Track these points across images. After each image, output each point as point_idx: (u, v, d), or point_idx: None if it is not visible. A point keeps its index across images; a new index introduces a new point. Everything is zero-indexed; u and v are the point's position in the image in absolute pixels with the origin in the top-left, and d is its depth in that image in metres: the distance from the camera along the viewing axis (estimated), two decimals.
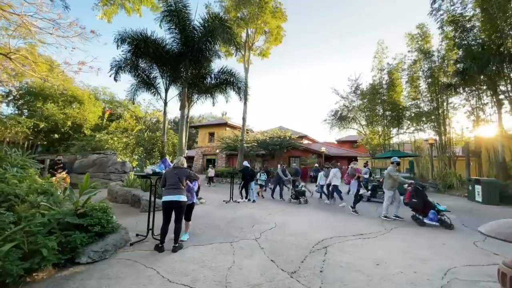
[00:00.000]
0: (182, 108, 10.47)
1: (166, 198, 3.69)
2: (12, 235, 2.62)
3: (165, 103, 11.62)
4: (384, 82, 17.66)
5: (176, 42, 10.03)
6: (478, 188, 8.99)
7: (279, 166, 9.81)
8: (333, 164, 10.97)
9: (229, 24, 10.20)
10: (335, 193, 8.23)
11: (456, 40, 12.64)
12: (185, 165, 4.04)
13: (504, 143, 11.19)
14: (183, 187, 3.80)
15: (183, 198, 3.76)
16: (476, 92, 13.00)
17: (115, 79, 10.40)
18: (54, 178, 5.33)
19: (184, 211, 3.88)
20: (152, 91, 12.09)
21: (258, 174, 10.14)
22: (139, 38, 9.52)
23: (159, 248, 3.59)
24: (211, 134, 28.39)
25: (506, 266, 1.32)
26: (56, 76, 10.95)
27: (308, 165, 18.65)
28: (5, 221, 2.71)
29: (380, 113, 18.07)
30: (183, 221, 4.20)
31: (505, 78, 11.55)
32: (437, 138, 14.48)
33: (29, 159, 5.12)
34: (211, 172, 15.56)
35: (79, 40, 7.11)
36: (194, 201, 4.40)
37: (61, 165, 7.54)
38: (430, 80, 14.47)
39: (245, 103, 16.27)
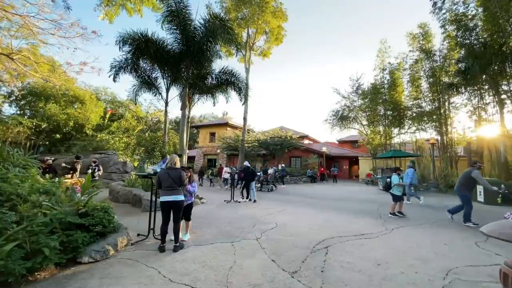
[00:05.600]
0: (183, 108, 10.48)
1: (163, 198, 3.71)
2: (14, 234, 2.64)
3: (166, 103, 11.64)
4: (385, 81, 17.63)
5: (177, 42, 10.03)
6: (480, 188, 8.94)
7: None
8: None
9: (230, 24, 10.17)
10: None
11: (458, 39, 12.59)
12: (178, 164, 3.95)
13: (506, 143, 11.12)
14: (178, 188, 3.77)
15: (180, 198, 3.77)
16: (478, 92, 12.93)
17: (114, 80, 10.40)
18: (68, 181, 5.43)
19: (182, 210, 3.88)
20: (153, 91, 12.11)
21: (395, 177, 6.34)
22: (140, 38, 9.52)
23: (160, 248, 3.61)
24: (212, 134, 28.42)
25: (508, 267, 1.32)
26: (58, 77, 11.00)
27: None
28: (8, 220, 2.72)
29: (381, 113, 18.03)
30: (184, 221, 4.23)
31: (507, 77, 11.49)
32: (439, 138, 14.42)
33: (31, 159, 5.14)
34: None
35: (80, 40, 7.16)
36: (193, 201, 4.41)
37: (70, 166, 7.69)
38: (431, 79, 14.41)
39: (245, 103, 16.27)
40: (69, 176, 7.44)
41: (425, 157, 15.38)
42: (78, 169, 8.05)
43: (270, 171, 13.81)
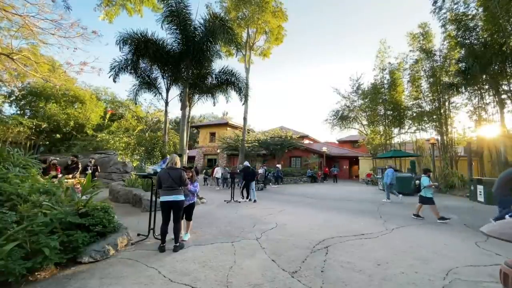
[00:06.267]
0: (183, 108, 10.49)
1: (163, 198, 3.70)
2: (14, 234, 2.64)
3: (166, 103, 11.64)
4: (385, 81, 17.63)
5: (177, 42, 10.02)
6: (480, 188, 8.95)
7: None
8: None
9: (230, 24, 10.17)
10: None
11: (459, 39, 12.58)
12: (179, 164, 3.95)
13: (507, 143, 11.12)
14: (179, 188, 3.77)
15: (180, 198, 3.77)
16: (478, 92, 12.92)
17: (114, 80, 10.40)
18: (69, 180, 5.46)
19: (182, 210, 3.88)
20: (153, 91, 12.10)
21: (426, 178, 6.11)
22: (140, 38, 9.52)
23: (161, 248, 3.61)
24: (212, 134, 28.41)
25: (508, 267, 1.31)
26: (58, 77, 10.99)
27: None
28: (8, 220, 2.72)
29: (381, 113, 18.04)
30: (184, 221, 4.23)
31: (508, 77, 11.49)
32: (439, 138, 14.41)
33: (31, 159, 5.14)
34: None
35: (80, 40, 7.15)
36: (194, 201, 4.41)
37: (74, 165, 7.81)
38: (432, 79, 14.40)
39: (245, 103, 16.27)
40: (70, 176, 7.46)
41: (425, 157, 15.38)
42: (80, 168, 8.10)
43: (261, 171, 14.37)
